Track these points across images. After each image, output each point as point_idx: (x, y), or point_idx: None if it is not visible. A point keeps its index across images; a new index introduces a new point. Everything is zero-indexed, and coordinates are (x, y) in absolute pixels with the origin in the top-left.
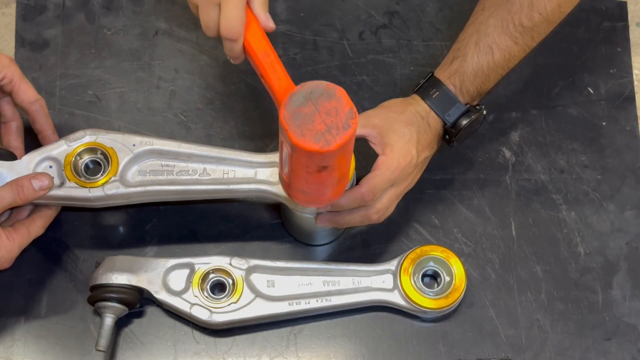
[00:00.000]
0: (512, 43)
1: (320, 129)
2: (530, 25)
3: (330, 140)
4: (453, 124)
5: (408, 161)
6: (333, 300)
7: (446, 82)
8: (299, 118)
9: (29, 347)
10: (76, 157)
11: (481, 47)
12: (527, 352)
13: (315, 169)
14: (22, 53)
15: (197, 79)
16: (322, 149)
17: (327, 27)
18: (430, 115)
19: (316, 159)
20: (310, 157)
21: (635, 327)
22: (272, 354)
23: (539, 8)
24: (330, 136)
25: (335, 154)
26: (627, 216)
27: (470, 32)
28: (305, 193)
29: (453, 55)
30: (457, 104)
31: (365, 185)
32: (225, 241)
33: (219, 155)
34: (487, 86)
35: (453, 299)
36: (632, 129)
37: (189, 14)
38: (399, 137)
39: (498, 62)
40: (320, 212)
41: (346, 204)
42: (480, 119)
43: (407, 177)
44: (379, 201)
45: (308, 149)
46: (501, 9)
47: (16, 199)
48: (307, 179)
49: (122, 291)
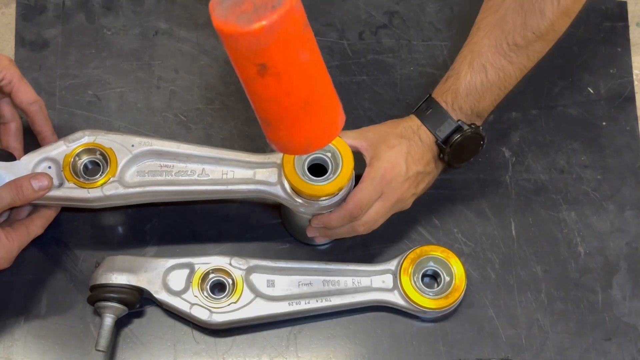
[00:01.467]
0: (507, 62)
1: (247, 9)
2: (524, 44)
3: (252, 20)
4: (445, 140)
5: (396, 172)
6: (333, 300)
7: (439, 99)
8: (228, 1)
9: (29, 347)
10: (75, 158)
11: (475, 66)
12: (527, 352)
13: (253, 69)
14: (22, 53)
15: (197, 79)
16: (242, 30)
17: (327, 27)
18: (421, 130)
19: (243, 47)
20: (235, 43)
21: (635, 327)
22: (272, 354)
23: (532, 27)
24: (255, 16)
25: (268, 43)
26: (627, 216)
27: (465, 53)
28: (268, 119)
29: (447, 75)
30: (448, 119)
31: (352, 200)
32: (225, 241)
33: (217, 155)
34: (483, 105)
35: (453, 299)
36: (632, 129)
37: (189, 14)
38: (387, 147)
39: (492, 81)
40: (321, 212)
41: (337, 222)
42: (478, 139)
43: (396, 190)
44: (367, 214)
45: (227, 31)
46: (495, 29)
47: (15, 199)
48: (253, 89)
49: (122, 291)
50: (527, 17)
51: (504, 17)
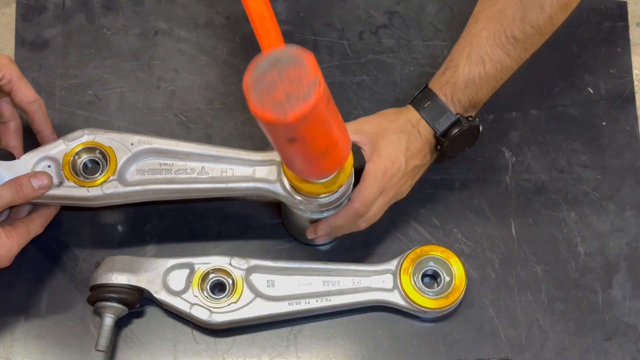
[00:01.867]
0: (504, 55)
1: (280, 98)
2: (522, 37)
3: (287, 111)
4: (443, 133)
5: (396, 167)
6: (333, 300)
7: (437, 92)
8: (261, 85)
9: (29, 346)
10: (74, 157)
11: (473, 59)
12: (527, 352)
13: (284, 139)
14: (22, 53)
15: (197, 79)
16: (279, 120)
17: (327, 27)
18: (420, 124)
19: (278, 130)
20: (272, 128)
21: (635, 327)
22: (272, 354)
23: (531, 21)
24: (288, 105)
25: (298, 126)
26: (627, 216)
27: (463, 45)
28: (291, 164)
29: (445, 66)
30: (447, 113)
31: (358, 199)
32: (225, 241)
33: (217, 153)
34: (480, 97)
35: (453, 299)
36: (632, 129)
37: (189, 14)
38: (387, 143)
39: (490, 73)
40: (320, 210)
41: (344, 222)
42: (475, 131)
43: (395, 184)
44: (369, 211)
45: (265, 119)
46: (494, 22)
47: (15, 198)
48: (282, 149)
49: (122, 291)
50: (526, 10)
51: (503, 11)
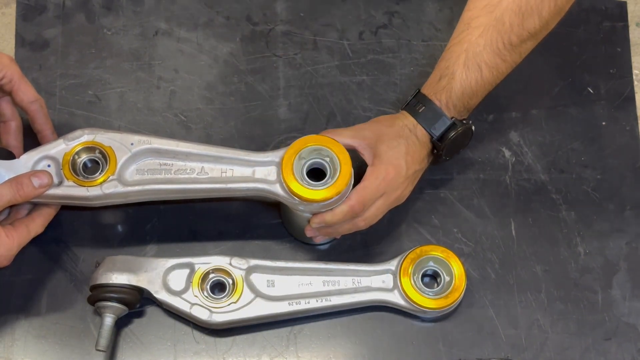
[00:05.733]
0: (500, 61)
1: None
2: (518, 43)
3: None
4: (440, 137)
5: (397, 172)
6: (333, 300)
7: (432, 97)
8: None
9: (29, 346)
10: (74, 156)
11: (470, 66)
12: (527, 352)
13: None
14: (22, 53)
15: (197, 79)
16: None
17: (327, 27)
18: (417, 128)
19: None
20: None
21: (635, 327)
22: (272, 354)
23: (529, 27)
24: None
25: None
26: (627, 216)
27: (458, 52)
28: None
29: (440, 73)
30: (443, 117)
31: (355, 197)
32: (225, 241)
33: (216, 154)
34: (475, 102)
35: (453, 299)
36: (632, 129)
37: (189, 14)
38: (388, 148)
39: (486, 79)
40: (320, 211)
41: (338, 219)
42: (469, 133)
43: (397, 188)
44: (368, 211)
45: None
46: (491, 29)
47: (15, 197)
48: None
49: (122, 291)
50: (524, 18)
51: (500, 18)
